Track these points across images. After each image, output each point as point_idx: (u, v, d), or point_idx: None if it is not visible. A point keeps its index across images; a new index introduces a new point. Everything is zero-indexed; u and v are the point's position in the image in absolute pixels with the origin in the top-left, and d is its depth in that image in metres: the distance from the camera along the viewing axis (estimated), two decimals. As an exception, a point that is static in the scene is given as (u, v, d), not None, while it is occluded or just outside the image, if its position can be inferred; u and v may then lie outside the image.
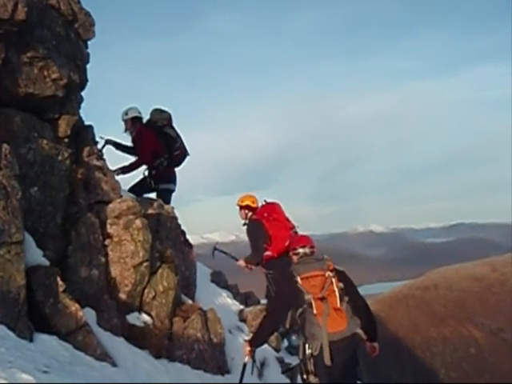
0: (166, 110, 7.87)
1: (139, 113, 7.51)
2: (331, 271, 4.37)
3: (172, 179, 7.81)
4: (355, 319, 4.35)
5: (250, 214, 7.68)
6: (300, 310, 4.30)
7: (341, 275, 4.46)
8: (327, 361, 4.14)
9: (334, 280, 4.32)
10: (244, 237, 7.78)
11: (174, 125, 7.88)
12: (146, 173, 7.55)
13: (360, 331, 4.35)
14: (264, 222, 7.44)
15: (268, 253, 7.34)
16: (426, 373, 41.88)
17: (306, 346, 4.35)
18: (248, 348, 4.70)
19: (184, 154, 7.86)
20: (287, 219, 7.58)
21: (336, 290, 4.29)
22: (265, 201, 7.76)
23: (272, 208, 7.63)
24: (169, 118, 7.81)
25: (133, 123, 7.43)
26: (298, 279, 4.34)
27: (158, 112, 7.78)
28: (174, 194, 7.79)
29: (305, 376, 4.44)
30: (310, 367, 4.34)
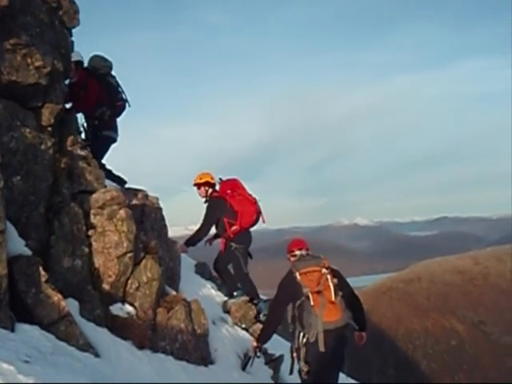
0: (108, 58, 7.54)
1: (81, 57, 7.11)
2: (327, 268, 4.84)
3: (114, 128, 7.55)
4: (348, 312, 4.82)
5: (209, 190, 7.76)
6: (299, 302, 4.77)
7: (335, 273, 4.93)
8: (321, 347, 4.58)
9: (329, 276, 4.80)
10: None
11: (114, 73, 7.59)
12: (85, 124, 7.21)
13: (352, 322, 4.87)
14: (228, 198, 7.59)
15: (236, 227, 7.54)
16: (408, 364, 42.41)
17: (301, 334, 4.80)
18: (254, 344, 5.46)
19: (124, 104, 7.64)
20: (250, 194, 7.75)
21: (331, 285, 4.74)
22: (220, 178, 7.84)
23: (234, 184, 7.77)
24: (111, 67, 7.53)
25: (75, 68, 6.89)
26: (297, 274, 4.82)
27: (101, 59, 7.42)
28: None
29: (298, 363, 4.86)
30: (303, 355, 4.78)
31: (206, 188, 7.75)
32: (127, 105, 7.68)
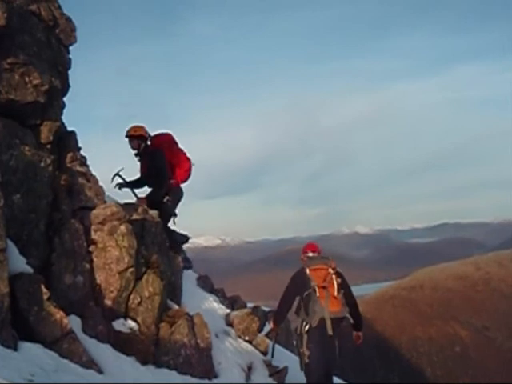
0: None
1: None
2: (333, 269, 5.59)
3: None
4: (346, 307, 5.54)
5: (142, 144, 7.56)
6: (306, 293, 5.48)
7: (339, 274, 5.64)
8: (329, 330, 5.30)
9: (334, 275, 5.53)
10: (230, 240, 7.83)
11: None
12: None
13: (348, 316, 5.55)
14: (164, 151, 7.47)
15: (173, 181, 7.50)
16: (413, 372, 42.17)
17: (304, 323, 5.51)
18: (272, 325, 6.19)
19: None
20: (182, 149, 7.74)
21: (335, 283, 5.48)
22: (149, 134, 7.60)
23: (168, 138, 7.70)
24: None
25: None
26: (307, 270, 5.60)
27: None
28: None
29: (301, 349, 5.55)
30: (305, 341, 5.46)
31: (139, 141, 7.52)
32: None
